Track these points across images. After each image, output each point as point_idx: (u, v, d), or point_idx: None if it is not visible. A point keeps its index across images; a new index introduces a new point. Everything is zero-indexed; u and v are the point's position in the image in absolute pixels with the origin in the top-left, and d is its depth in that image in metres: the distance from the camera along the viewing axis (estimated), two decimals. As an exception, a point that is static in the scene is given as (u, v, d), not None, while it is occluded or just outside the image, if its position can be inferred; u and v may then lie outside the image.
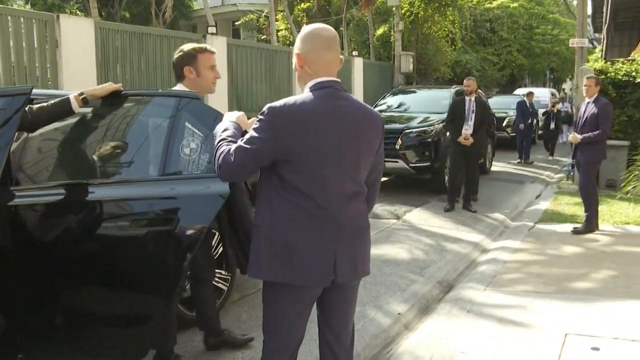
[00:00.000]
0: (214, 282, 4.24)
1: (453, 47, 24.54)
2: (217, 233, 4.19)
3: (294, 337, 2.47)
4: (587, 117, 6.75)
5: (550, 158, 15.15)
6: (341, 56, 2.45)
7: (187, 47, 3.42)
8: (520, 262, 5.78)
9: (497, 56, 29.50)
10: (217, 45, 11.26)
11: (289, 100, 2.29)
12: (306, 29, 2.41)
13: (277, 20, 24.11)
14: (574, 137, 6.81)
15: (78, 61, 8.53)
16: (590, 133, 6.63)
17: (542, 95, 22.33)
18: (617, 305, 4.38)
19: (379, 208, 8.44)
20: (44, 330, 3.04)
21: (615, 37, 23.68)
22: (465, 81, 8.66)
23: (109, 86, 3.29)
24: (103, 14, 20.15)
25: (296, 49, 2.39)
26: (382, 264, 5.85)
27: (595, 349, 3.67)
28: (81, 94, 3.13)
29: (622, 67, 10.54)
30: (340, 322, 2.56)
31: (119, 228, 3.28)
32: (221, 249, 4.31)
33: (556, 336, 3.87)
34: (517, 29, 30.93)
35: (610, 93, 9.75)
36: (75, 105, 3.09)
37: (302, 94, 2.36)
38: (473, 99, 8.40)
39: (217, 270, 4.28)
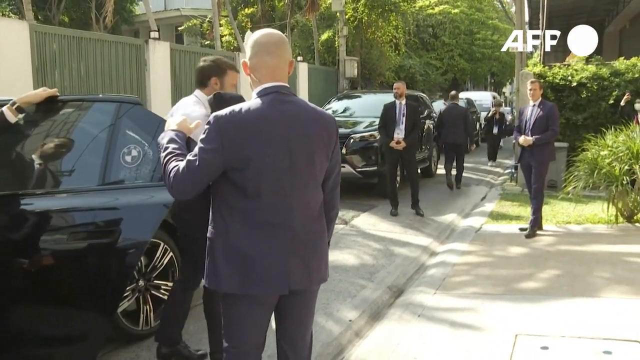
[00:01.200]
0: (159, 294, 4.13)
1: (397, 52, 24.89)
2: (163, 244, 4.08)
3: (255, 342, 2.45)
4: (535, 120, 6.92)
5: (490, 164, 14.89)
6: (292, 59, 2.42)
7: (220, 59, 3.48)
8: (468, 264, 5.85)
9: (439, 61, 30.10)
10: (160, 51, 11.05)
11: (236, 107, 2.27)
12: (251, 36, 2.41)
13: (221, 25, 23.88)
14: (525, 139, 6.93)
15: (11, 66, 8.17)
16: (541, 135, 6.82)
17: (484, 98, 22.92)
18: (563, 304, 4.48)
19: (326, 214, 8.42)
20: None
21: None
22: (395, 84, 8.74)
23: (43, 92, 3.15)
24: (40, 17, 19.44)
25: (245, 57, 2.39)
26: (331, 270, 5.69)
27: (545, 348, 3.73)
28: (14, 103, 3.00)
29: (559, 71, 10.92)
30: (297, 332, 2.53)
31: (56, 241, 3.13)
32: (167, 259, 4.18)
33: (507, 337, 3.91)
34: (459, 34, 31.68)
35: (549, 96, 10.06)
36: (10, 116, 2.96)
37: (249, 101, 2.33)
38: (404, 102, 8.45)
39: (163, 282, 4.17)
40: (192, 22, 25.18)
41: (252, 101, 2.32)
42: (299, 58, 18.34)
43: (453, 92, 12.15)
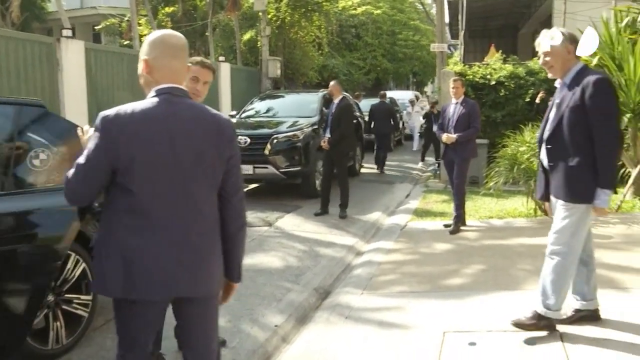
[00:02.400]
0: (71, 309, 3.86)
1: (320, 51, 24.94)
2: (74, 254, 3.81)
3: (146, 342, 2.41)
4: (457, 118, 7.03)
5: (420, 164, 14.74)
6: (189, 64, 2.46)
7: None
8: (394, 262, 5.83)
9: (362, 61, 30.43)
10: (73, 50, 10.47)
11: (122, 108, 2.21)
12: (155, 34, 2.34)
13: (140, 24, 23.13)
14: (448, 137, 7.01)
15: None
16: (464, 132, 6.92)
17: (406, 97, 23.29)
18: (488, 298, 4.50)
19: (250, 216, 8.22)
20: None
21: (469, 43, 25.32)
22: (330, 84, 8.68)
23: None
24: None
25: (143, 54, 2.31)
26: (255, 274, 5.65)
27: (472, 344, 3.72)
28: None
29: (479, 70, 11.20)
30: (198, 342, 2.45)
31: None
32: (79, 271, 3.90)
33: (435, 335, 3.87)
34: (381, 34, 32.15)
35: (470, 94, 10.26)
36: None
37: (139, 101, 2.27)
38: (336, 102, 8.41)
39: (75, 295, 3.89)
40: (110, 21, 24.27)
41: (141, 101, 2.27)
42: (221, 58, 18.01)
43: (382, 92, 14.80)
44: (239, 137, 9.34)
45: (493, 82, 10.89)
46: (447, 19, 24.21)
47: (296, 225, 7.75)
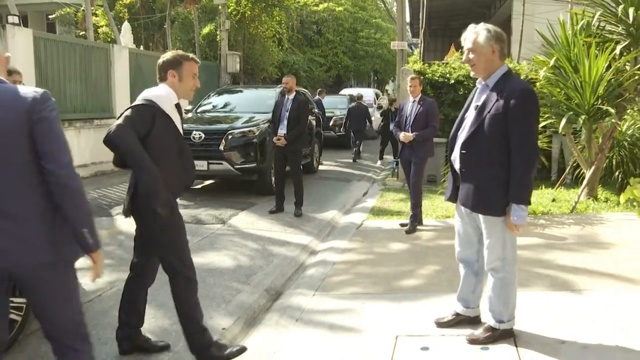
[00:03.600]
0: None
1: (280, 47, 24.77)
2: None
3: None
4: (415, 116, 6.96)
5: (379, 163, 14.61)
6: (7, 54, 2.54)
7: (177, 52, 3.61)
8: (348, 262, 5.71)
9: (323, 57, 30.36)
10: (21, 39, 10.05)
11: None
12: None
13: (97, 15, 22.50)
14: (405, 136, 6.94)
15: None
16: (422, 131, 6.84)
17: (367, 95, 23.31)
18: (443, 301, 4.40)
19: (203, 213, 8.03)
20: None
21: (430, 42, 25.51)
22: (283, 78, 8.47)
23: None
24: None
25: None
26: (205, 274, 5.46)
27: (425, 348, 3.62)
28: None
29: (438, 69, 11.19)
30: (47, 313, 2.54)
31: None
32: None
33: (387, 339, 3.76)
34: (343, 31, 32.14)
35: (429, 93, 10.25)
36: None
37: None
38: (291, 97, 8.16)
39: (10, 298, 3.63)
40: (65, 10, 23.54)
41: None
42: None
43: (359, 94, 17.04)
44: (193, 132, 9.11)
45: (452, 81, 10.89)
46: (408, 18, 24.31)
47: (250, 223, 7.58)
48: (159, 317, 4.45)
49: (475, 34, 3.43)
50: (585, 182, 7.91)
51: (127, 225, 7.29)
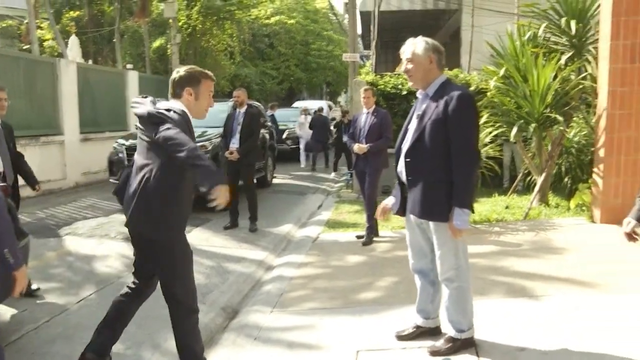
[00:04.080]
0: None
1: (232, 60, 24.62)
2: None
3: None
4: (369, 127, 6.96)
5: (334, 175, 14.58)
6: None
7: (194, 69, 3.38)
8: (305, 277, 5.62)
9: (276, 70, 30.33)
10: (-45, 51, 9.66)
11: None
12: None
13: (42, 28, 21.93)
14: (359, 147, 6.92)
15: None
16: (375, 142, 6.83)
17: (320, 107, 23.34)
18: (402, 312, 4.36)
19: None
20: None
21: (381, 54, 25.80)
22: (234, 92, 8.34)
23: None
24: None
25: None
26: (159, 293, 5.27)
27: (385, 363, 3.56)
28: None
29: (390, 80, 11.26)
30: None
31: None
32: None
33: (348, 355, 3.69)
34: (295, 44, 32.19)
35: (382, 104, 10.28)
36: None
37: None
38: (243, 110, 8.04)
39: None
40: (7, 22, 22.89)
41: None
42: (129, 66, 17.37)
43: (320, 107, 18.36)
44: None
45: (404, 92, 10.97)
46: (359, 30, 24.54)
47: (204, 239, 7.42)
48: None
49: (413, 45, 3.49)
50: (536, 188, 8.05)
51: (76, 246, 7.06)
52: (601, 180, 6.88)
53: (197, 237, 7.53)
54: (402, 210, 3.70)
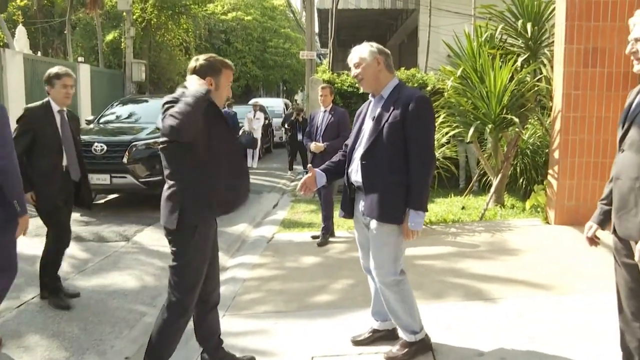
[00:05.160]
0: None
1: (187, 56, 24.24)
2: None
3: None
4: (326, 126, 6.90)
5: (290, 174, 14.48)
6: None
7: (214, 57, 3.26)
8: (259, 279, 5.48)
9: (232, 67, 30.00)
10: None
11: None
12: None
13: (-15, 18, 21.11)
14: (316, 146, 6.84)
15: None
16: (333, 141, 6.74)
17: (276, 105, 23.19)
18: (359, 316, 4.27)
19: (106, 230, 7.58)
20: None
21: (339, 52, 25.79)
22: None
23: None
24: None
25: None
26: (107, 296, 5.10)
27: (342, 369, 3.46)
28: None
29: (347, 78, 11.19)
30: None
31: None
32: None
33: (302, 361, 3.58)
34: (252, 41, 31.93)
35: (338, 102, 10.21)
36: None
37: None
38: None
39: None
40: (-56, 11, 21.97)
41: None
42: (80, 59, 16.87)
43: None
44: (95, 144, 8.65)
45: (362, 91, 10.91)
46: (316, 28, 24.47)
47: (156, 239, 7.18)
48: (54, 349, 4.05)
49: (359, 50, 3.49)
50: (492, 189, 8.09)
51: (19, 245, 6.74)
52: (556, 182, 6.95)
53: (149, 236, 7.32)
54: (349, 213, 3.68)
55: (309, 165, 3.98)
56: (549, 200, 7.21)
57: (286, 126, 15.06)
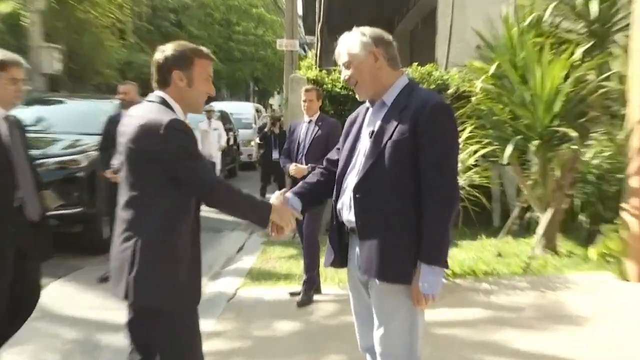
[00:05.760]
0: None
1: (122, 42, 24.24)
2: None
3: None
4: (311, 141, 6.92)
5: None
6: None
7: (183, 45, 3.36)
8: (216, 354, 5.32)
9: (184, 59, 30.19)
10: None
11: None
12: None
13: None
14: (297, 168, 6.84)
15: None
16: (320, 162, 6.63)
17: (244, 111, 23.21)
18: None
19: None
20: None
21: (329, 42, 25.87)
22: (121, 87, 8.08)
23: None
24: None
25: None
26: None
27: None
28: None
29: (340, 77, 11.14)
30: None
31: None
32: None
33: None
34: (212, 24, 32.18)
35: (328, 110, 10.15)
36: None
37: None
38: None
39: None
40: None
41: None
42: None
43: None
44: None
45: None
46: (300, 10, 24.59)
47: (68, 296, 7.13)
48: None
49: (346, 42, 3.32)
50: (540, 231, 8.03)
51: None
52: (636, 221, 6.87)
53: (58, 293, 7.20)
54: (338, 262, 3.55)
55: (283, 191, 3.73)
56: (625, 246, 7.13)
57: (258, 140, 14.93)
